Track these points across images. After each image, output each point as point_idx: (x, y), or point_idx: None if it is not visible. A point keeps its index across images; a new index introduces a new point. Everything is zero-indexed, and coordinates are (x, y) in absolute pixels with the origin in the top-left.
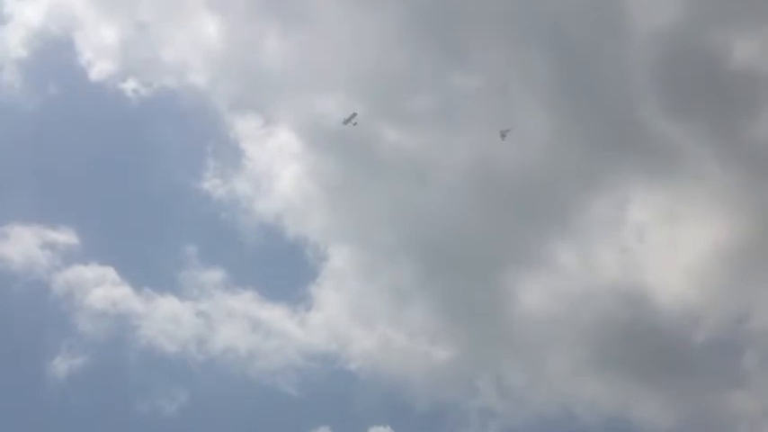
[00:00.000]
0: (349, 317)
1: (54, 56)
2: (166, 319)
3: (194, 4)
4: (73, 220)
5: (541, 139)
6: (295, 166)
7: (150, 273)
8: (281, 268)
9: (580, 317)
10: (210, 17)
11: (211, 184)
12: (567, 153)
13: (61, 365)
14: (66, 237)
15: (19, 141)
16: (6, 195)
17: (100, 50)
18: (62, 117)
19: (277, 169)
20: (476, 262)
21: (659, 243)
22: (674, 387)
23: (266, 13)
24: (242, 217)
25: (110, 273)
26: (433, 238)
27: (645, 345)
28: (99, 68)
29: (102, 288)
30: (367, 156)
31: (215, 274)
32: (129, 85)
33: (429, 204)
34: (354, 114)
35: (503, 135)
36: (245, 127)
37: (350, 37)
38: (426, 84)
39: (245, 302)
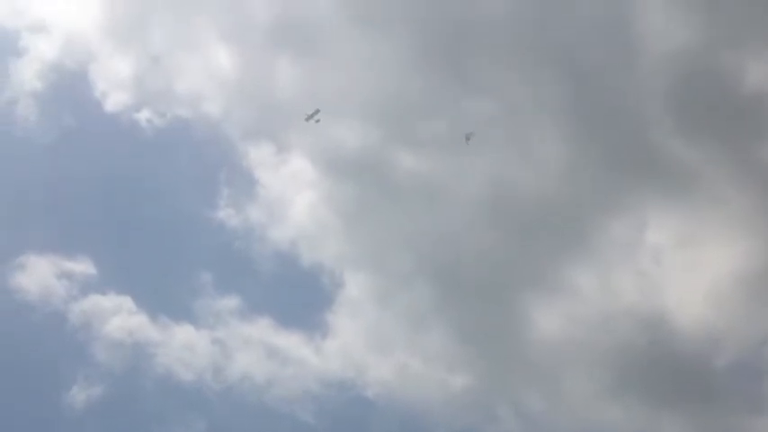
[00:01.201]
0: (365, 343)
1: (69, 88)
2: (183, 347)
3: (207, 35)
4: (89, 250)
5: (556, 162)
6: (309, 193)
7: (166, 301)
8: (297, 295)
9: (598, 341)
10: (223, 47)
11: (225, 213)
12: (582, 176)
13: (79, 395)
14: (82, 266)
15: (35, 173)
16: (23, 226)
17: (114, 82)
18: (77, 148)
19: (291, 196)
20: (492, 286)
21: (677, 266)
22: (695, 412)
23: (278, 41)
24: (256, 245)
25: (126, 302)
26: (450, 263)
27: (664, 369)
28: (113, 100)
29: (118, 317)
30: (381, 181)
31: (230, 302)
32: (144, 116)
33: (445, 229)
34: (317, 111)
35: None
36: (258, 155)
37: (362, 64)
38: (440, 109)
39: (261, 330)
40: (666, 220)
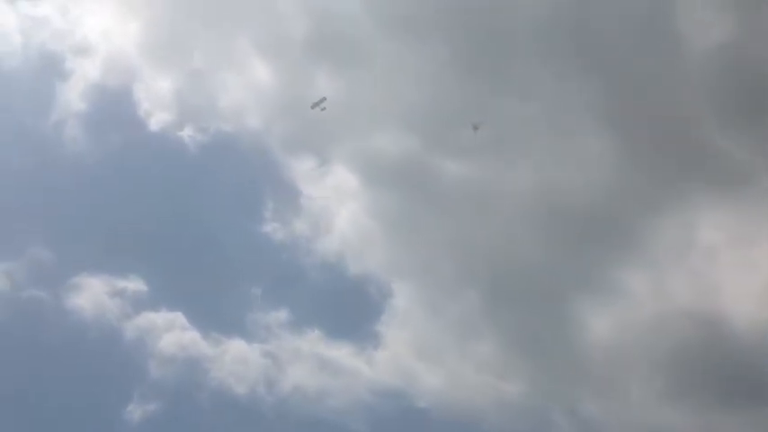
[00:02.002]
0: (416, 352)
1: (113, 108)
2: (235, 361)
3: (246, 50)
4: (140, 268)
5: (602, 163)
6: (353, 204)
7: (217, 316)
8: (345, 306)
9: (652, 344)
10: (262, 62)
11: (271, 227)
12: (629, 177)
13: (135, 412)
14: (134, 285)
15: (84, 194)
16: (75, 247)
17: (157, 100)
18: (124, 168)
19: (335, 208)
20: (543, 291)
21: (732, 265)
22: (753, 413)
23: (316, 54)
24: (303, 257)
25: (178, 318)
26: (498, 270)
27: (722, 371)
28: (157, 118)
29: (171, 333)
30: (425, 189)
31: (280, 315)
32: (186, 133)
33: (491, 235)
34: (323, 99)
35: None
36: (300, 168)
37: (400, 72)
38: (481, 114)
39: (312, 342)
40: (718, 218)
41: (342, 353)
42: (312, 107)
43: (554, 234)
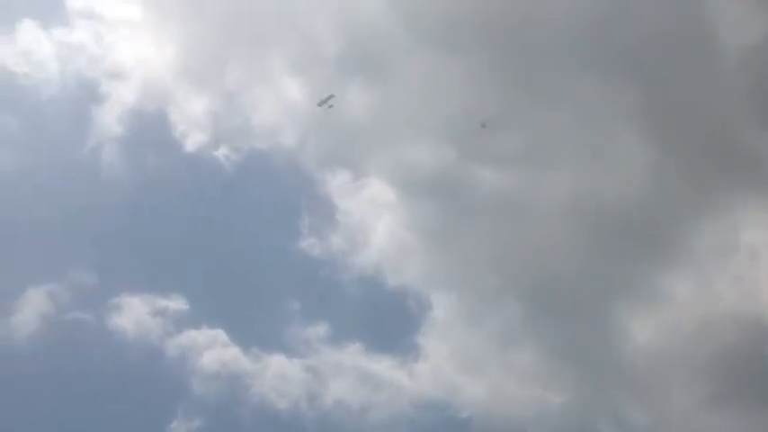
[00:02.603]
0: (457, 364)
1: (149, 131)
2: (276, 376)
3: (278, 68)
4: (181, 287)
5: (640, 167)
6: (389, 217)
7: (257, 332)
8: (385, 320)
9: (698, 349)
10: (294, 79)
11: (308, 243)
12: (668, 179)
13: (179, 429)
14: (175, 303)
15: (123, 216)
16: (117, 268)
17: (192, 122)
18: (161, 189)
19: (371, 221)
20: (584, 300)
21: None
22: None
23: (348, 69)
24: (341, 272)
25: (220, 335)
26: (538, 278)
27: None
28: (192, 139)
29: (213, 351)
30: (462, 199)
31: (320, 330)
32: (222, 152)
33: (530, 244)
34: (331, 96)
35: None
36: (336, 182)
37: (432, 84)
38: (515, 122)
39: (352, 356)
40: (761, 219)
41: (382, 366)
42: (320, 104)
43: (594, 241)
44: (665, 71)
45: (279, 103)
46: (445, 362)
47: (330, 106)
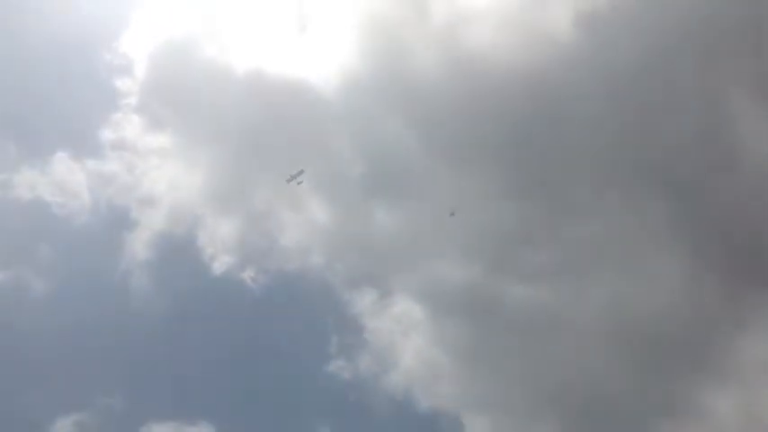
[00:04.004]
0: None
1: (178, 255)
2: None
3: (303, 192)
4: (209, 413)
5: (673, 280)
6: (418, 336)
7: None
8: None
9: None
10: (319, 201)
11: (337, 365)
12: (703, 292)
13: None
14: (203, 430)
15: (151, 343)
16: (144, 394)
17: (220, 245)
18: (189, 313)
19: (400, 341)
20: (622, 419)
21: None
22: None
23: (371, 190)
24: (370, 394)
25: None
26: (575, 398)
27: None
28: (220, 262)
29: None
30: (491, 316)
31: None
32: (249, 274)
33: (566, 361)
34: (301, 171)
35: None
36: (363, 302)
37: (457, 199)
38: (542, 236)
39: None
40: None
41: None
42: (288, 181)
43: (632, 357)
44: (689, 181)
45: (305, 225)
46: None
47: (299, 183)
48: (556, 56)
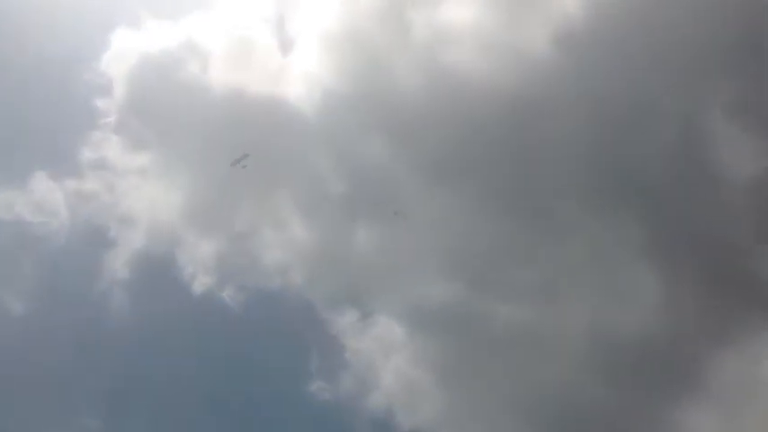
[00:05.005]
0: None
1: (157, 275)
2: None
3: (285, 210)
4: None
5: (653, 297)
6: (399, 355)
7: None
8: None
9: None
10: (300, 220)
11: (317, 386)
12: (685, 311)
13: None
14: None
15: (130, 363)
16: (122, 415)
17: (199, 264)
18: (168, 333)
19: (381, 361)
20: None
21: None
22: None
23: (352, 209)
24: (351, 415)
25: None
26: (555, 415)
27: None
28: (200, 281)
29: None
30: (476, 335)
31: None
32: (228, 293)
33: (550, 381)
34: (245, 155)
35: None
36: (344, 322)
37: (438, 217)
38: (523, 255)
39: None
40: None
41: None
42: (232, 165)
43: (614, 376)
44: (670, 202)
45: (285, 244)
46: None
47: (244, 166)
48: (535, 74)
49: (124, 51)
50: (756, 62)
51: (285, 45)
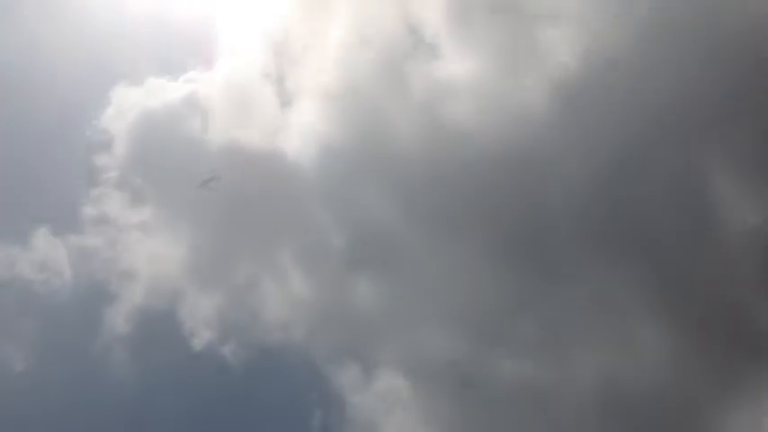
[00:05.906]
0: None
1: (158, 329)
2: None
3: (285, 264)
4: None
5: (661, 351)
6: (402, 411)
7: None
8: None
9: None
10: (301, 274)
11: None
12: (693, 366)
13: None
14: None
15: (131, 418)
16: None
17: (200, 319)
18: (169, 388)
19: (384, 416)
20: None
21: None
22: None
23: (353, 262)
24: None
25: None
26: None
27: None
28: (200, 337)
29: None
30: (481, 390)
31: None
32: (229, 349)
33: None
34: (213, 177)
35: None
36: (346, 377)
37: (440, 270)
38: (528, 308)
39: None
40: None
41: None
42: (200, 185)
43: (620, 430)
44: (674, 250)
45: (286, 298)
46: None
47: (213, 189)
48: (535, 126)
49: (125, 107)
50: (757, 113)
51: (284, 100)
